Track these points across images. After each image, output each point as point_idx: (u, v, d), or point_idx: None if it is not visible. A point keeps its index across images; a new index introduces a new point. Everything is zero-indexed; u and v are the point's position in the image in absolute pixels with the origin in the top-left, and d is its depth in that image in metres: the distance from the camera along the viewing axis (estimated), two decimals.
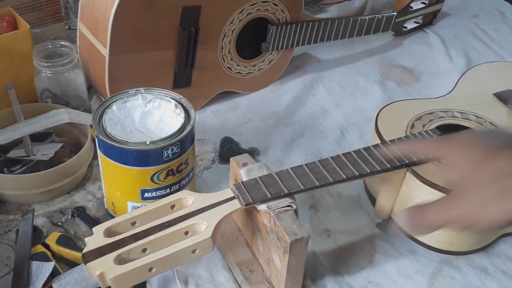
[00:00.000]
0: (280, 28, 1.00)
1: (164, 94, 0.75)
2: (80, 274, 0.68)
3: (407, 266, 0.74)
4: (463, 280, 0.73)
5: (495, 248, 0.77)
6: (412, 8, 1.20)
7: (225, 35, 0.95)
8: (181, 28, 0.89)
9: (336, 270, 0.73)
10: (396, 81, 1.09)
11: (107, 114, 0.71)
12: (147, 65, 0.90)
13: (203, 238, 0.58)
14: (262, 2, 0.95)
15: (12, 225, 0.77)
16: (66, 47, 0.91)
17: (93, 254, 0.57)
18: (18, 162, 0.83)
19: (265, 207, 0.63)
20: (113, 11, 0.83)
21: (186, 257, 0.58)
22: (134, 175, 0.70)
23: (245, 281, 0.68)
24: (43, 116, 0.84)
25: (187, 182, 0.74)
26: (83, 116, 0.87)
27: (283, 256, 0.62)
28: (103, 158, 0.70)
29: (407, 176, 0.73)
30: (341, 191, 0.84)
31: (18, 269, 0.68)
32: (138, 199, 0.72)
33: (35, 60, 0.88)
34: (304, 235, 0.60)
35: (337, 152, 0.72)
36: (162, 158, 0.69)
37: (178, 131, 0.70)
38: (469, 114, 0.83)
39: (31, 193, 0.79)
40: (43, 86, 0.90)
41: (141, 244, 0.58)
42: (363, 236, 0.78)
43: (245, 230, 0.72)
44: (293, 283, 0.65)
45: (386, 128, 0.79)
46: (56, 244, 0.72)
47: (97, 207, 0.80)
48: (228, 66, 0.98)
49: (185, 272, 0.71)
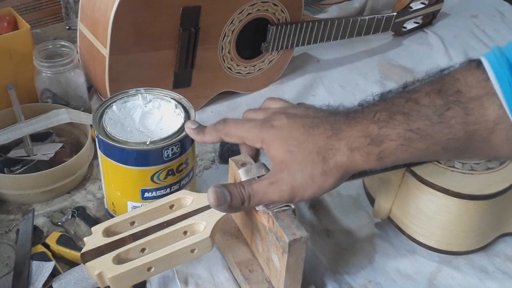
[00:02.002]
0: (280, 28, 1.00)
1: (164, 94, 0.75)
2: (80, 274, 0.68)
3: (407, 266, 0.74)
4: (463, 280, 0.73)
5: (494, 248, 0.77)
6: (411, 8, 1.20)
7: (225, 35, 0.95)
8: (181, 28, 0.89)
9: (336, 270, 0.73)
10: (396, 81, 1.09)
11: (107, 114, 0.71)
12: (147, 65, 0.90)
13: (202, 237, 0.59)
14: (262, 3, 0.95)
15: (12, 225, 0.77)
16: (67, 47, 0.91)
17: (91, 253, 0.57)
18: (19, 162, 0.83)
19: (264, 207, 0.63)
20: (113, 11, 0.83)
21: (185, 256, 0.58)
22: (134, 175, 0.70)
23: (245, 281, 0.68)
24: (43, 116, 0.84)
25: (187, 182, 0.74)
26: (83, 116, 0.87)
27: (282, 256, 0.62)
28: (103, 158, 0.71)
29: (405, 176, 0.73)
30: (341, 191, 0.84)
31: (18, 269, 0.68)
32: (138, 199, 0.72)
33: (35, 60, 0.88)
34: (302, 235, 0.60)
35: None
36: (162, 158, 0.69)
37: (178, 131, 0.70)
38: None
39: (31, 193, 0.79)
40: (44, 86, 0.90)
41: (140, 244, 0.58)
42: (363, 236, 0.78)
43: (244, 230, 0.72)
44: (292, 283, 0.65)
45: None
46: (56, 244, 0.72)
47: (97, 207, 0.80)
48: (228, 66, 0.99)
49: (185, 272, 0.71)
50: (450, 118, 0.56)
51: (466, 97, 0.56)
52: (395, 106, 0.58)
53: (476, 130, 0.56)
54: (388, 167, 0.62)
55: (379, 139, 0.58)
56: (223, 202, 0.59)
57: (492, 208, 0.72)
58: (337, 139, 0.59)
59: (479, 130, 0.56)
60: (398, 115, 0.57)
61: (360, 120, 0.59)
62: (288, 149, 0.60)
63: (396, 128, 0.57)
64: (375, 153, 0.58)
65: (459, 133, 0.56)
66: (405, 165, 0.71)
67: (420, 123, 0.56)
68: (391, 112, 0.58)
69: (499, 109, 0.54)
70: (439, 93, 0.57)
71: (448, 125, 0.56)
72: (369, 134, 0.58)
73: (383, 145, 0.58)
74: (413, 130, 0.57)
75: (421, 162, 0.71)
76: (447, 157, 0.66)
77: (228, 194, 0.60)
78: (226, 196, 0.60)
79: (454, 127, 0.56)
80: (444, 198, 0.70)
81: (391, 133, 0.57)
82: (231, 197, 0.60)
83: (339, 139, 0.59)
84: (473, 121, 0.55)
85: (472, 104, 0.55)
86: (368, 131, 0.58)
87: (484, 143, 0.56)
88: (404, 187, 0.74)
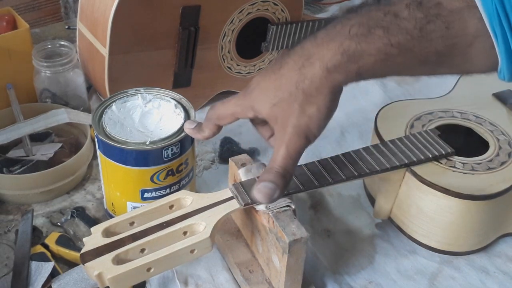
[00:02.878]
0: (280, 28, 1.00)
1: (164, 94, 0.75)
2: (79, 274, 0.68)
3: (407, 267, 0.74)
4: (464, 281, 0.72)
5: (495, 248, 0.77)
6: None
7: (225, 35, 0.95)
8: (181, 28, 0.89)
9: (336, 270, 0.73)
10: (396, 81, 1.09)
11: (106, 114, 0.71)
12: (147, 65, 0.90)
13: (201, 238, 0.58)
14: (262, 2, 0.95)
15: (11, 225, 0.77)
16: (66, 47, 0.91)
17: (91, 254, 0.57)
18: (18, 162, 0.83)
19: (264, 208, 0.63)
20: (112, 11, 0.83)
21: (184, 257, 0.58)
22: (133, 175, 0.69)
23: (245, 281, 0.67)
24: (42, 116, 0.84)
25: (187, 182, 0.74)
26: (82, 116, 0.87)
27: (282, 256, 0.62)
28: (102, 158, 0.70)
29: (406, 176, 0.73)
30: (341, 191, 0.84)
31: (17, 269, 0.68)
32: (137, 199, 0.72)
33: (34, 60, 0.88)
34: (302, 235, 0.60)
35: (337, 152, 0.72)
36: (162, 158, 0.69)
37: (178, 131, 0.70)
38: (468, 114, 0.83)
39: (31, 193, 0.79)
40: (43, 86, 0.90)
41: (140, 244, 0.58)
42: (363, 236, 0.78)
43: (244, 230, 0.72)
44: (292, 283, 0.65)
45: (385, 128, 0.79)
46: (56, 244, 0.72)
47: (96, 207, 0.80)
48: (228, 66, 0.98)
49: (185, 272, 0.71)
50: (431, 31, 0.55)
51: (446, 9, 0.54)
52: (372, 20, 0.56)
53: (455, 44, 0.55)
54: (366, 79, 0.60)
55: (357, 55, 0.56)
56: (273, 192, 0.59)
57: (493, 209, 0.72)
58: (310, 65, 0.57)
59: (458, 43, 0.55)
60: (377, 29, 0.55)
61: (333, 37, 0.57)
62: (271, 103, 0.59)
63: (375, 42, 0.55)
64: (353, 70, 0.57)
65: (439, 46, 0.55)
66: (406, 164, 0.71)
67: (400, 37, 0.55)
68: (369, 26, 0.56)
69: (479, 22, 0.54)
70: (419, 5, 0.55)
71: (429, 39, 0.55)
72: (345, 51, 0.56)
73: (362, 61, 0.56)
74: (393, 45, 0.55)
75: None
76: (422, 72, 0.64)
77: (271, 184, 0.59)
78: (270, 187, 0.59)
79: (434, 40, 0.55)
80: (445, 198, 0.70)
81: (370, 48, 0.55)
82: (275, 184, 0.59)
83: (311, 63, 0.57)
84: (453, 35, 0.55)
85: (453, 17, 0.54)
86: (343, 47, 0.56)
87: (461, 57, 0.56)
88: (404, 187, 0.74)
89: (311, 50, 0.58)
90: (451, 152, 0.74)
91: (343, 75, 0.57)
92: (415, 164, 0.72)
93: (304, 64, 0.57)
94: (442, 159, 0.74)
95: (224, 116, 0.65)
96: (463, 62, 0.57)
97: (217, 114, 0.65)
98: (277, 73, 0.59)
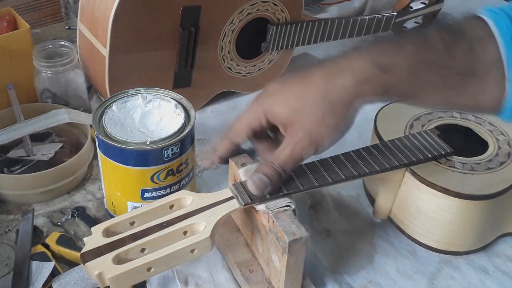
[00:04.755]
0: (280, 28, 1.00)
1: (164, 94, 0.75)
2: (80, 274, 0.68)
3: (407, 266, 0.74)
4: (463, 280, 0.73)
5: (495, 248, 0.77)
6: (412, 8, 1.20)
7: (225, 35, 0.95)
8: (181, 28, 0.89)
9: (336, 270, 0.73)
10: None
11: (107, 114, 0.71)
12: (147, 65, 0.90)
13: (201, 238, 0.58)
14: (262, 2, 0.95)
15: (12, 225, 0.77)
16: (66, 47, 0.91)
17: (91, 254, 0.57)
18: (18, 162, 0.83)
19: (264, 207, 0.63)
20: (113, 11, 0.83)
21: (184, 257, 0.58)
22: (134, 175, 0.70)
23: (245, 281, 0.68)
24: (43, 116, 0.84)
25: (187, 182, 0.74)
26: (83, 116, 0.87)
27: (282, 256, 0.62)
28: (103, 158, 0.71)
29: (406, 176, 0.73)
30: (341, 191, 0.84)
31: (18, 269, 0.68)
32: (138, 199, 0.72)
33: (35, 60, 0.88)
34: (302, 235, 0.60)
35: (336, 152, 0.72)
36: (162, 158, 0.69)
37: (178, 131, 0.70)
38: (468, 114, 0.83)
39: (31, 193, 0.79)
40: (43, 86, 0.90)
41: (140, 244, 0.58)
42: (363, 236, 0.78)
43: (244, 230, 0.72)
44: (292, 283, 0.65)
45: (385, 128, 0.79)
46: (56, 244, 0.72)
47: (97, 207, 0.80)
48: (228, 66, 0.99)
49: (185, 272, 0.71)
50: (456, 51, 0.58)
51: (470, 36, 0.58)
52: (403, 38, 0.60)
53: (475, 67, 0.58)
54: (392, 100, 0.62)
55: (389, 68, 0.58)
56: (265, 186, 0.62)
57: (493, 208, 0.72)
58: (341, 76, 0.59)
59: (478, 68, 0.58)
60: (408, 46, 0.59)
61: (365, 52, 0.60)
62: (292, 108, 0.61)
63: (407, 57, 0.58)
64: (382, 83, 0.59)
65: (461, 66, 0.58)
66: (405, 164, 0.71)
67: (430, 54, 0.58)
68: (401, 44, 0.59)
69: (497, 50, 0.57)
70: (447, 29, 0.59)
71: (454, 58, 0.58)
72: (378, 64, 0.58)
73: (392, 75, 0.58)
74: (423, 61, 0.58)
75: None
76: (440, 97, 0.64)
77: (265, 178, 0.62)
78: (264, 181, 0.61)
79: (458, 60, 0.58)
80: (444, 198, 0.70)
81: (401, 62, 0.58)
82: (269, 179, 0.62)
83: (342, 75, 0.59)
84: (474, 58, 0.57)
85: (475, 43, 0.58)
86: (376, 61, 0.59)
87: (478, 84, 0.58)
88: (404, 187, 0.74)
89: (342, 63, 0.60)
90: (450, 152, 0.74)
91: (372, 88, 0.59)
92: (414, 164, 0.72)
93: (334, 75, 0.60)
94: (441, 159, 0.74)
95: (238, 129, 0.66)
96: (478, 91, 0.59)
97: (232, 129, 0.66)
98: (303, 82, 0.61)
